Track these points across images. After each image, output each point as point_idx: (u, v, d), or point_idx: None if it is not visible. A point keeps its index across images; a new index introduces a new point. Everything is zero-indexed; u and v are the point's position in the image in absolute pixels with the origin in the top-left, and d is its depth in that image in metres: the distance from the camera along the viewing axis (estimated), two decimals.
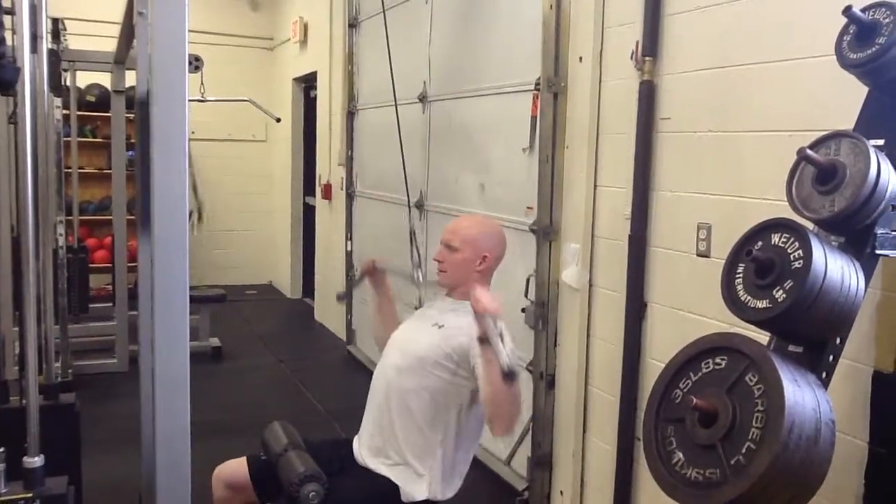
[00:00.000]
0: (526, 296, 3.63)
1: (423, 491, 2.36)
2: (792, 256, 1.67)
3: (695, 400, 1.67)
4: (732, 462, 1.61)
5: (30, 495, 1.67)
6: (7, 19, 2.20)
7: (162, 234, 1.39)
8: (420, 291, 2.69)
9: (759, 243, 1.75)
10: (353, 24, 6.14)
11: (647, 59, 2.93)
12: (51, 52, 3.77)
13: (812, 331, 1.73)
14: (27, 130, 1.64)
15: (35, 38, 2.09)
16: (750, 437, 1.60)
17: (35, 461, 1.69)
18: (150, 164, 1.39)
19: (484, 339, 2.08)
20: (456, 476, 2.45)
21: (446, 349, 2.38)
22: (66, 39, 5.44)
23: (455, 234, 2.52)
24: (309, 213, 8.11)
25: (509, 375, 1.98)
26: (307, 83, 8.04)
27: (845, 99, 1.98)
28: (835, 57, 1.86)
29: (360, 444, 2.49)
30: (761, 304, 1.71)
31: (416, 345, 2.46)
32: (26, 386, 1.75)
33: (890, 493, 2.10)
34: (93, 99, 7.44)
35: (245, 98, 6.95)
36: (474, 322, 2.10)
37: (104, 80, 6.39)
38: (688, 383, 1.77)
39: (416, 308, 2.65)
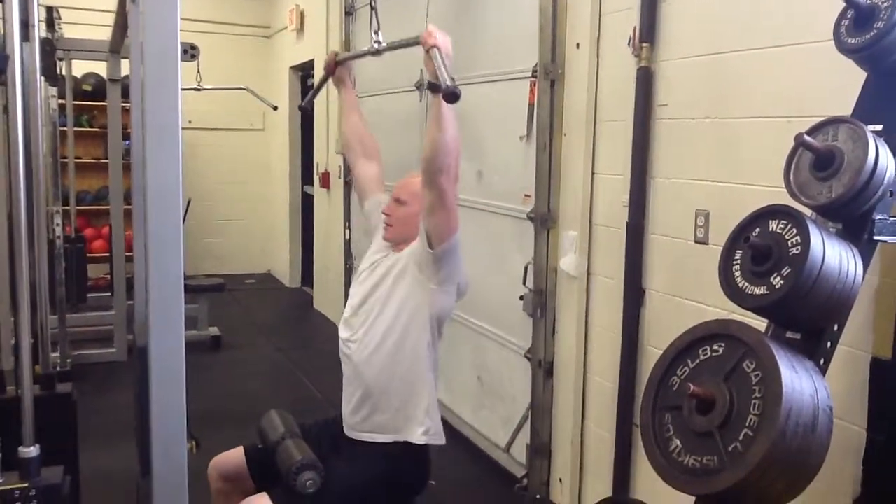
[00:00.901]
0: (524, 284, 3.63)
1: (421, 434, 2.35)
2: (790, 243, 1.67)
3: (692, 387, 1.66)
4: (730, 449, 1.60)
5: (25, 485, 1.66)
6: None
7: (156, 224, 1.38)
8: (380, 54, 2.69)
9: (757, 230, 1.75)
10: (349, 12, 6.11)
11: (644, 45, 2.92)
12: (44, 41, 3.74)
13: (810, 317, 1.72)
14: (18, 119, 1.63)
15: (26, 25, 2.07)
16: (747, 424, 1.59)
17: (31, 451, 1.68)
18: (144, 154, 1.38)
19: (434, 85, 2.11)
20: (438, 413, 2.45)
21: (397, 265, 2.41)
22: (60, 28, 5.42)
23: (403, 188, 2.49)
24: (307, 201, 8.10)
25: (452, 94, 2.01)
26: (304, 71, 8.01)
27: (843, 84, 1.97)
28: (833, 42, 1.85)
29: (346, 416, 2.47)
30: (759, 291, 1.70)
31: (363, 286, 2.48)
32: (21, 375, 1.74)
33: (887, 478, 2.10)
34: (89, 88, 7.41)
35: (242, 86, 6.92)
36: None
37: (100, 68, 6.35)
38: (685, 370, 1.77)
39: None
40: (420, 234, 2.33)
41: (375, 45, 2.64)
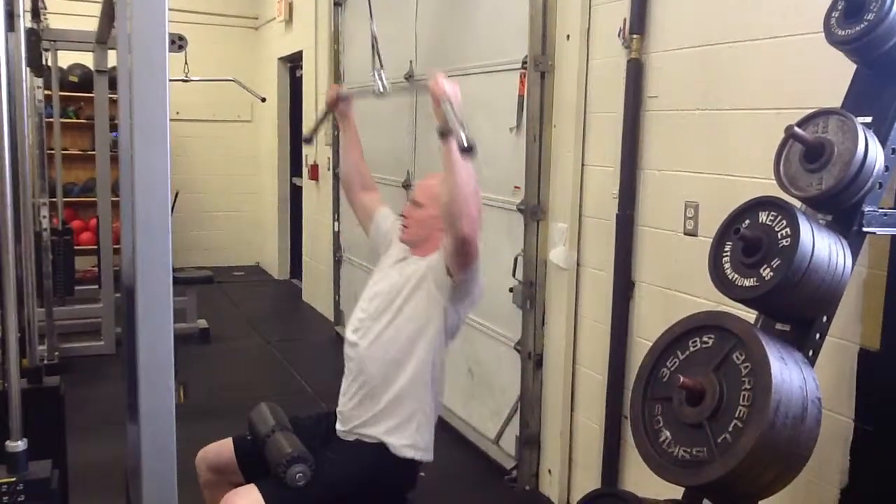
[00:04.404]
0: (513, 275, 3.62)
1: (405, 447, 2.35)
2: (779, 234, 1.67)
3: (682, 379, 1.67)
4: (719, 440, 1.61)
5: (13, 480, 1.64)
6: None
7: (144, 217, 1.37)
8: (384, 96, 2.65)
9: (747, 221, 1.75)
10: (338, 3, 6.07)
11: (634, 36, 2.91)
12: (30, 31, 3.71)
13: (799, 309, 1.73)
14: (3, 110, 1.61)
15: (11, 15, 2.05)
16: (737, 415, 1.60)
17: (18, 445, 1.67)
18: (132, 145, 1.36)
19: (444, 131, 2.08)
20: (432, 431, 2.44)
21: (415, 275, 2.40)
22: (46, 18, 5.36)
23: (422, 190, 2.50)
24: (296, 193, 8.07)
25: (469, 149, 1.98)
26: (293, 63, 7.97)
27: (833, 76, 1.98)
28: (823, 34, 1.85)
29: (341, 415, 2.47)
30: (749, 283, 1.71)
31: (383, 290, 2.46)
32: (8, 369, 1.73)
33: (874, 468, 2.12)
34: (75, 79, 7.35)
35: (230, 78, 6.88)
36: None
37: (87, 59, 6.30)
38: (675, 362, 1.77)
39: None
40: (440, 256, 2.32)
41: (380, 90, 2.70)
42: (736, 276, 1.74)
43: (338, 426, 2.45)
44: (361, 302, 2.52)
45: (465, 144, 1.97)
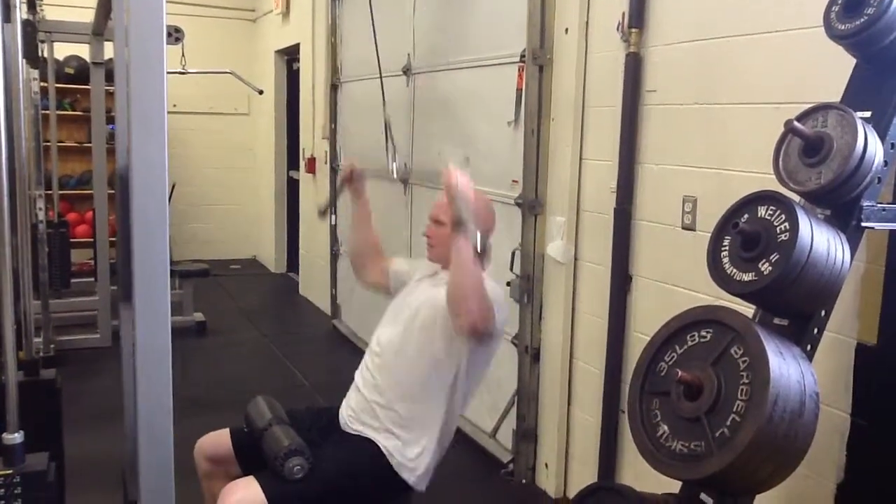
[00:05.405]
0: (511, 269, 3.62)
1: (407, 470, 2.35)
2: (778, 229, 1.67)
3: (680, 373, 1.67)
4: (717, 434, 1.61)
5: (10, 472, 1.65)
6: None
7: (141, 209, 1.36)
8: (396, 179, 2.61)
9: (746, 216, 1.75)
10: None
11: (633, 30, 2.91)
12: (26, 23, 3.69)
13: (797, 303, 1.73)
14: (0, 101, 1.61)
15: (8, 6, 2.04)
16: (735, 409, 1.60)
17: (15, 437, 1.67)
18: (129, 138, 1.36)
19: (457, 224, 2.10)
20: (436, 461, 2.44)
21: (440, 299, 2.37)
22: (42, 9, 5.34)
23: (443, 209, 2.48)
24: (293, 186, 8.06)
25: (483, 253, 2.00)
26: (290, 56, 7.95)
27: (833, 70, 1.97)
28: (822, 28, 1.85)
29: (345, 414, 2.47)
30: (747, 277, 1.70)
31: (410, 304, 2.45)
32: (4, 362, 1.73)
33: (871, 463, 2.12)
34: (71, 71, 7.31)
35: (227, 70, 6.86)
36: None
37: (83, 51, 6.27)
38: (673, 356, 1.77)
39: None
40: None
41: (394, 175, 2.65)
42: (734, 270, 1.74)
43: (341, 420, 2.45)
44: (394, 307, 2.53)
45: (479, 249, 2.01)
